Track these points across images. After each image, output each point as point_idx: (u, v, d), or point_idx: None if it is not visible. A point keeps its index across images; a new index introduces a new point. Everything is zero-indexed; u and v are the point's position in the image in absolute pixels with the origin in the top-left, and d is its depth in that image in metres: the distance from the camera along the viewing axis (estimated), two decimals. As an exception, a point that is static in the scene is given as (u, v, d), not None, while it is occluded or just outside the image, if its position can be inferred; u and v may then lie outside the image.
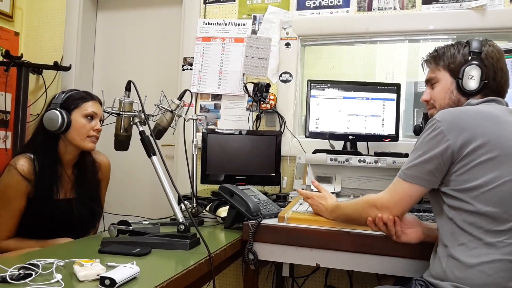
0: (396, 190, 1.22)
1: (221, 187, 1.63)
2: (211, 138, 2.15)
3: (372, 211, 1.24)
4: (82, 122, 1.63)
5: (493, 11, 2.17)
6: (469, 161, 1.10)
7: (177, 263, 1.18)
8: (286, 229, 1.47)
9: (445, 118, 1.15)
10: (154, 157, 1.39)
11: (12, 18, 2.96)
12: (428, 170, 1.15)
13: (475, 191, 1.10)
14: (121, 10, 3.00)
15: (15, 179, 1.55)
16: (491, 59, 1.26)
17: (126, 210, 1.89)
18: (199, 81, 2.60)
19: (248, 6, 2.58)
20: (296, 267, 2.33)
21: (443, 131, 1.13)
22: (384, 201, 1.23)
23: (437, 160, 1.14)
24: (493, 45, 1.29)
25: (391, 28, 2.32)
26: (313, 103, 2.11)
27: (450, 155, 1.12)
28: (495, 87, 1.26)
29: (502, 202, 1.08)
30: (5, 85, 2.75)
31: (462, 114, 1.16)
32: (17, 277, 0.95)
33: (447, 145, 1.12)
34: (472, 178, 1.10)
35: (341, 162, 1.87)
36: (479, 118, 1.14)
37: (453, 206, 1.14)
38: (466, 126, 1.12)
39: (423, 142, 1.17)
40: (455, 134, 1.12)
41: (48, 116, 1.58)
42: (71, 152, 1.66)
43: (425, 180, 1.17)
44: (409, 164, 1.19)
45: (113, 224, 1.35)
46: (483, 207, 1.08)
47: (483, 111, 1.18)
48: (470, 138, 1.11)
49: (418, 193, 1.19)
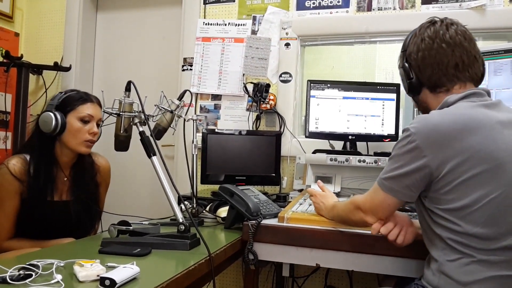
0: (375, 197, 1.18)
1: (221, 187, 1.63)
2: (211, 138, 2.15)
3: (358, 213, 1.23)
4: (78, 126, 1.61)
5: (492, 11, 2.17)
6: (451, 179, 1.03)
7: (177, 264, 1.18)
8: (286, 229, 1.47)
9: (420, 131, 1.06)
10: (154, 158, 1.39)
11: (12, 19, 2.96)
12: (405, 185, 1.10)
13: (461, 212, 1.03)
14: (121, 10, 3.01)
15: (6, 179, 1.54)
16: (412, 54, 1.21)
17: (126, 210, 1.89)
18: (199, 81, 2.60)
19: (248, 6, 2.58)
20: (296, 267, 2.33)
21: (419, 146, 1.05)
22: (367, 206, 1.20)
23: (413, 176, 1.07)
24: (422, 32, 1.20)
25: (391, 28, 2.32)
26: (313, 103, 2.11)
27: (428, 173, 1.05)
28: (432, 82, 1.19)
29: (491, 222, 1.01)
30: (5, 85, 2.75)
31: (438, 125, 1.06)
32: (17, 277, 0.95)
33: (424, 162, 1.05)
34: (456, 198, 1.04)
35: (341, 162, 1.88)
36: (458, 130, 1.04)
37: (441, 224, 1.08)
38: (444, 142, 1.04)
39: (399, 154, 1.10)
40: (432, 151, 1.04)
41: (42, 117, 1.57)
42: (67, 154, 1.64)
43: (402, 193, 1.12)
44: (386, 174, 1.13)
45: (113, 224, 1.35)
46: (471, 229, 1.02)
47: (461, 118, 1.06)
48: (449, 155, 1.03)
49: (395, 203, 1.15)
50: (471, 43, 1.17)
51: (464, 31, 1.18)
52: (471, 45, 1.17)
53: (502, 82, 1.76)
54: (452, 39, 1.16)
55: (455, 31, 1.17)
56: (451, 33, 1.17)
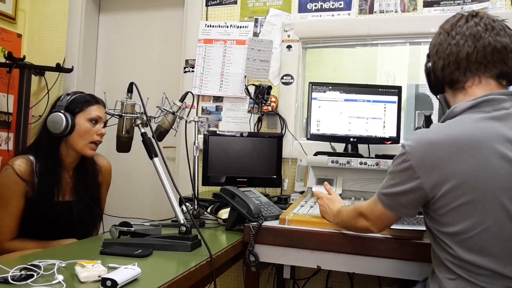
0: (375, 209, 1.16)
1: (222, 189, 1.63)
2: (212, 140, 2.15)
3: (361, 221, 1.22)
4: (87, 126, 1.63)
5: (494, 14, 2.16)
6: (445, 203, 0.99)
7: (178, 265, 1.18)
8: (287, 231, 1.47)
9: (415, 150, 1.01)
10: (156, 159, 1.40)
11: (15, 20, 2.97)
12: (401, 203, 1.07)
13: (456, 237, 0.99)
14: (123, 12, 3.01)
15: (12, 179, 1.55)
16: (433, 47, 1.13)
17: (128, 211, 1.89)
18: (200, 83, 2.61)
19: (250, 8, 2.59)
20: (297, 269, 2.33)
21: (413, 166, 1.01)
22: (368, 214, 1.19)
23: (409, 196, 1.04)
24: (442, 27, 1.13)
25: (393, 31, 2.32)
26: (314, 105, 2.11)
27: (423, 194, 1.01)
28: (446, 77, 1.10)
29: (485, 252, 0.96)
30: (8, 86, 2.76)
31: (434, 146, 1.00)
32: (19, 278, 0.95)
33: (418, 183, 1.01)
34: (451, 223, 0.99)
35: (342, 164, 1.87)
36: (453, 151, 0.97)
37: (440, 245, 1.05)
38: (436, 164, 0.98)
39: (395, 172, 1.06)
40: (426, 173, 0.99)
41: (52, 118, 1.58)
42: (72, 155, 1.66)
43: (399, 210, 1.09)
44: (384, 190, 1.11)
45: (114, 225, 1.36)
46: (466, 255, 0.98)
47: (459, 138, 0.98)
48: (443, 178, 0.97)
49: (394, 218, 1.13)
50: (493, 31, 1.05)
51: (489, 22, 1.06)
52: (493, 33, 1.04)
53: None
54: (469, 29, 1.06)
55: (476, 22, 1.07)
56: (469, 24, 1.07)
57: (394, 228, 1.39)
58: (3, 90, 2.81)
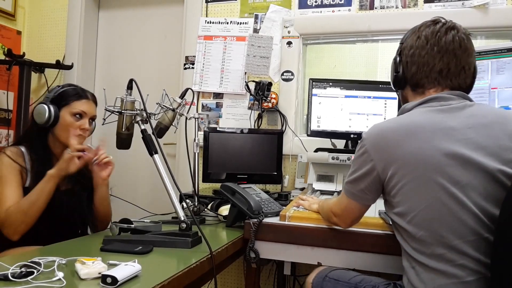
0: (341, 203, 1.27)
1: (223, 185, 1.63)
2: (212, 136, 2.15)
3: (332, 217, 1.33)
4: (69, 120, 1.62)
5: (495, 9, 2.16)
6: (394, 183, 1.08)
7: (179, 261, 1.18)
8: (288, 227, 1.47)
9: (369, 136, 1.14)
10: (156, 156, 1.39)
11: (14, 17, 2.96)
12: (360, 189, 1.17)
13: (407, 216, 1.08)
14: (123, 8, 3.01)
15: (7, 161, 1.56)
16: (407, 48, 1.20)
17: (127, 208, 1.89)
18: (201, 79, 2.60)
19: (250, 4, 2.58)
20: (297, 266, 2.33)
21: (367, 150, 1.13)
22: (336, 209, 1.30)
23: (366, 180, 1.14)
24: (422, 30, 1.18)
25: (393, 26, 2.32)
26: (314, 102, 2.11)
27: (377, 176, 1.12)
28: (414, 80, 1.19)
29: (430, 227, 1.04)
30: (7, 83, 2.76)
31: (384, 132, 1.12)
32: (19, 275, 0.95)
33: (372, 165, 1.12)
34: (401, 202, 1.08)
35: (342, 161, 1.87)
36: (400, 135, 1.08)
37: (398, 231, 1.13)
38: (385, 147, 1.09)
39: (355, 159, 1.18)
40: (377, 155, 1.11)
41: (37, 109, 1.60)
42: (59, 146, 1.66)
43: (359, 197, 1.19)
44: (347, 179, 1.21)
45: (114, 222, 1.36)
46: (417, 232, 1.06)
47: (405, 125, 1.10)
48: (391, 160, 1.08)
49: (358, 208, 1.23)
50: (465, 53, 1.15)
51: (462, 39, 1.15)
52: (465, 55, 1.15)
53: (504, 81, 1.76)
54: (446, 44, 1.14)
55: (453, 36, 1.14)
56: (447, 38, 1.14)
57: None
58: (3, 87, 2.80)
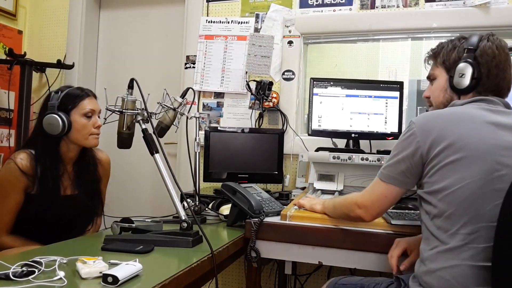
0: (374, 190, 1.25)
1: (224, 185, 1.63)
2: (213, 136, 2.15)
3: (355, 208, 1.28)
4: (83, 122, 1.62)
5: (496, 8, 2.16)
6: (437, 162, 1.11)
7: (180, 261, 1.18)
8: (289, 227, 1.47)
9: (419, 120, 1.17)
10: (157, 155, 1.40)
11: (16, 17, 2.97)
12: (401, 171, 1.18)
13: (440, 193, 1.10)
14: (124, 8, 3.01)
15: (13, 174, 1.54)
16: (486, 56, 1.20)
17: (128, 208, 1.89)
18: (201, 79, 2.60)
19: (251, 4, 2.58)
20: (298, 265, 2.33)
21: (415, 132, 1.15)
22: (363, 199, 1.26)
23: (408, 161, 1.16)
24: (493, 40, 1.23)
25: (394, 26, 2.31)
26: (315, 101, 2.11)
27: (419, 157, 1.14)
28: (489, 85, 1.21)
29: (462, 205, 1.07)
30: (9, 83, 2.76)
31: (436, 116, 1.16)
32: (20, 274, 0.95)
33: (417, 146, 1.14)
34: (439, 180, 1.11)
35: (343, 160, 1.87)
36: (452, 120, 1.13)
37: (426, 211, 1.15)
38: (435, 128, 1.12)
39: (398, 143, 1.20)
40: (425, 136, 1.13)
41: (47, 120, 1.56)
42: (73, 150, 1.66)
43: (398, 180, 1.19)
44: (386, 164, 1.22)
45: (115, 221, 1.36)
46: (447, 209, 1.08)
47: (458, 113, 1.16)
48: (438, 140, 1.11)
49: (394, 193, 1.21)
50: None
51: None
52: None
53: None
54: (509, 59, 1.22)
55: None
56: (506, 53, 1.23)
57: (395, 223, 1.39)
58: (4, 87, 2.81)
